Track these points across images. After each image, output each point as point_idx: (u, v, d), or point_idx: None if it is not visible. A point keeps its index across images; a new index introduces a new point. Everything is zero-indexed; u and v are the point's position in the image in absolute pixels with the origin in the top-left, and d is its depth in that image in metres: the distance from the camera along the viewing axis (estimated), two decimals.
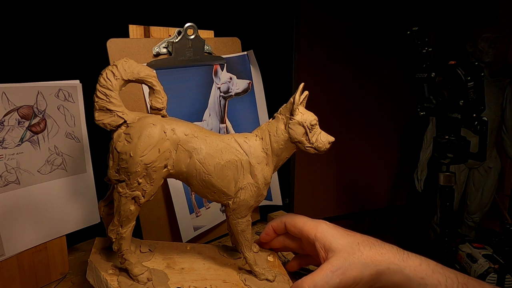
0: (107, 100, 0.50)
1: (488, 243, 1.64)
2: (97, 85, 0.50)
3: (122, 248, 0.52)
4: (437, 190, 1.06)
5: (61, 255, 0.73)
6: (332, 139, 0.54)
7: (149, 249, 0.61)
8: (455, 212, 1.82)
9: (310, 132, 0.52)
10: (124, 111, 0.51)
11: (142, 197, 0.50)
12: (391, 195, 2.20)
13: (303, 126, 0.52)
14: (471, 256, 1.56)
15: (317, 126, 0.54)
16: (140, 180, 0.49)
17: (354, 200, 2.11)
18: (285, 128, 0.53)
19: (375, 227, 2.16)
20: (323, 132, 0.54)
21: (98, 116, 0.50)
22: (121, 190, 0.50)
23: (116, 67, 0.51)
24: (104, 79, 0.50)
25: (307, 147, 0.53)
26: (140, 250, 0.60)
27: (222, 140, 0.54)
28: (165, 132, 0.50)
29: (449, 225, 1.02)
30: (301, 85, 0.51)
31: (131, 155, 0.49)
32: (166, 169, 0.51)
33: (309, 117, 0.53)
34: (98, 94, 0.50)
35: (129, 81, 0.52)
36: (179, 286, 0.53)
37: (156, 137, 0.49)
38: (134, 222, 0.53)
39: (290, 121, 0.53)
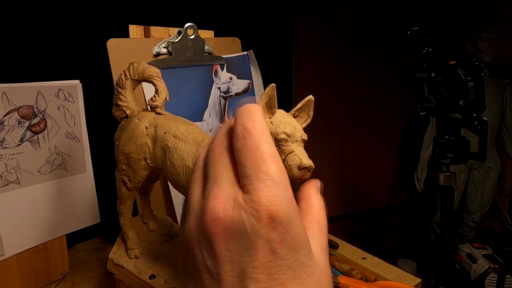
0: (118, 96, 0.57)
1: (488, 243, 1.64)
2: (115, 83, 0.58)
3: (121, 221, 0.60)
4: (437, 190, 1.06)
5: (61, 255, 0.73)
6: (306, 164, 0.35)
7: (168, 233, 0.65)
8: (455, 212, 1.82)
9: (278, 149, 0.36)
10: (129, 106, 0.57)
11: (129, 182, 0.56)
12: (391, 195, 2.20)
13: None
14: (471, 256, 1.56)
15: (290, 143, 0.37)
16: (124, 167, 0.56)
17: (354, 200, 2.11)
18: None
19: (375, 227, 2.16)
20: (297, 153, 0.36)
21: (113, 109, 0.59)
22: (116, 172, 0.57)
23: (129, 67, 0.57)
24: (119, 78, 0.57)
25: None
26: (148, 228, 0.64)
27: (200, 145, 0.51)
28: (146, 128, 0.54)
29: (449, 225, 1.02)
30: (270, 86, 0.34)
31: (117, 143, 0.56)
32: (145, 162, 0.54)
33: (276, 130, 0.36)
34: (114, 91, 0.58)
35: (138, 80, 0.57)
36: (153, 274, 0.56)
37: (135, 131, 0.54)
38: (131, 203, 0.59)
39: None
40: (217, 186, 0.24)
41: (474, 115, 0.93)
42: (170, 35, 0.81)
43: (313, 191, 0.29)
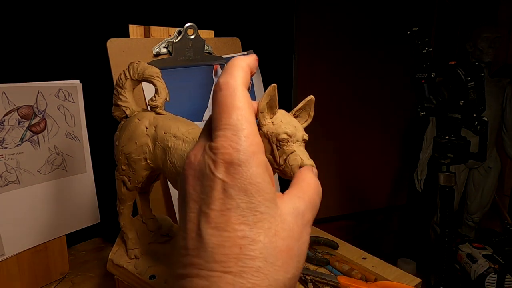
0: (117, 96, 0.58)
1: (488, 243, 1.64)
2: (115, 83, 0.58)
3: (121, 222, 0.60)
4: (437, 190, 1.06)
5: (61, 255, 0.73)
6: (307, 163, 0.35)
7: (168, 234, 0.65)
8: (455, 212, 1.82)
9: (278, 149, 0.36)
10: (129, 106, 0.57)
11: (129, 182, 0.56)
12: (391, 195, 2.20)
13: (269, 141, 0.37)
14: (471, 256, 1.56)
15: (291, 143, 0.37)
16: (124, 167, 0.56)
17: (354, 200, 2.11)
18: None
19: (375, 227, 2.16)
20: (298, 153, 0.36)
21: (113, 109, 0.59)
22: (116, 172, 0.57)
23: (128, 68, 0.56)
24: (119, 79, 0.57)
25: (275, 168, 0.38)
26: (148, 228, 0.64)
27: None
28: (146, 128, 0.54)
29: (449, 225, 1.02)
30: (272, 86, 0.33)
31: (117, 143, 0.56)
32: (146, 162, 0.54)
33: (277, 130, 0.36)
34: (114, 91, 0.58)
35: (138, 80, 0.57)
36: (153, 274, 0.56)
37: (136, 131, 0.54)
38: (131, 203, 0.59)
39: (258, 132, 0.37)
40: (200, 138, 0.28)
41: (474, 115, 0.93)
42: (170, 35, 0.81)
43: (308, 174, 0.30)
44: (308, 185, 0.28)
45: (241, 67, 0.27)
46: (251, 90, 0.92)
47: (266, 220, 0.23)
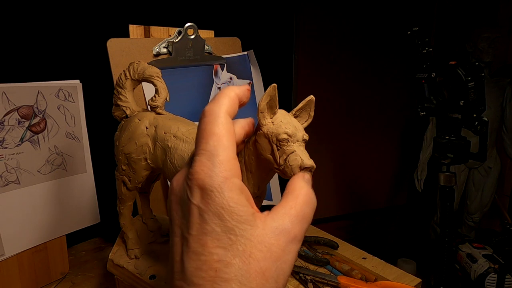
0: (118, 96, 0.58)
1: (488, 243, 1.64)
2: (115, 83, 0.58)
3: (121, 222, 0.60)
4: (437, 190, 1.06)
5: (61, 255, 0.73)
6: (307, 164, 0.35)
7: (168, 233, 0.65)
8: (455, 212, 1.82)
9: (278, 149, 0.36)
10: (129, 106, 0.57)
11: (129, 182, 0.56)
12: (391, 195, 2.20)
13: (269, 141, 0.37)
14: (471, 256, 1.56)
15: (291, 143, 0.36)
16: (124, 167, 0.56)
17: (354, 200, 2.11)
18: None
19: (375, 227, 2.16)
20: (298, 153, 0.36)
21: (113, 109, 0.59)
22: (116, 172, 0.57)
23: (129, 68, 0.56)
24: (119, 79, 0.57)
25: (275, 168, 0.37)
26: (148, 228, 0.64)
27: None
28: (146, 128, 0.54)
29: (449, 225, 1.02)
30: (272, 86, 0.34)
31: (117, 144, 0.56)
32: (146, 162, 0.54)
33: (278, 130, 0.36)
34: (114, 91, 0.58)
35: (138, 80, 0.57)
36: (154, 274, 0.56)
37: (136, 131, 0.54)
38: (131, 203, 0.59)
39: (258, 132, 0.38)
40: (186, 163, 0.29)
41: (474, 115, 0.93)
42: (170, 35, 0.81)
43: (297, 183, 0.29)
44: (295, 198, 0.27)
45: (228, 96, 0.28)
46: (250, 90, 0.92)
47: (241, 243, 0.24)
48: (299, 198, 0.27)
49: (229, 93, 0.29)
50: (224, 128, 0.26)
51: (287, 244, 0.25)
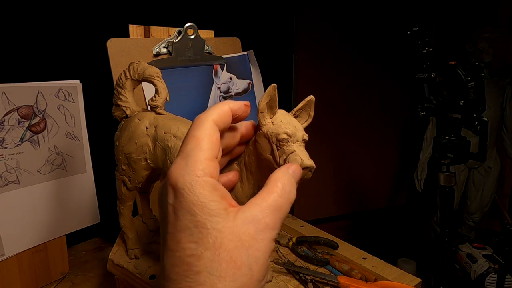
0: (118, 96, 0.58)
1: (488, 243, 1.64)
2: (115, 83, 0.58)
3: (121, 222, 0.60)
4: (437, 190, 1.06)
5: (61, 255, 0.73)
6: (307, 164, 0.35)
7: None
8: (455, 212, 1.82)
9: (278, 149, 0.36)
10: (129, 106, 0.57)
11: (129, 182, 0.56)
12: (391, 195, 2.20)
13: (269, 141, 0.37)
14: (471, 256, 1.56)
15: (291, 143, 0.36)
16: (124, 167, 0.56)
17: (354, 200, 2.11)
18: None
19: (375, 227, 2.16)
20: (298, 153, 0.36)
21: (113, 109, 0.59)
22: (116, 172, 0.57)
23: (129, 68, 0.57)
24: (119, 79, 0.57)
25: (275, 168, 0.36)
26: (148, 228, 0.64)
27: None
28: (146, 128, 0.54)
29: (449, 225, 1.02)
30: (272, 86, 0.34)
31: (117, 143, 0.56)
32: (146, 162, 0.54)
33: (277, 130, 0.36)
34: (114, 91, 0.58)
35: (138, 80, 0.57)
36: (154, 274, 0.56)
37: (136, 131, 0.54)
38: (131, 203, 0.59)
39: (258, 132, 0.38)
40: None
41: (474, 115, 0.93)
42: (170, 35, 0.81)
43: (277, 175, 0.30)
44: (269, 190, 0.28)
45: (221, 108, 0.30)
46: (250, 90, 0.92)
47: (212, 235, 0.25)
48: (273, 190, 0.28)
49: (222, 106, 0.30)
50: (204, 133, 0.28)
51: (257, 232, 0.25)
